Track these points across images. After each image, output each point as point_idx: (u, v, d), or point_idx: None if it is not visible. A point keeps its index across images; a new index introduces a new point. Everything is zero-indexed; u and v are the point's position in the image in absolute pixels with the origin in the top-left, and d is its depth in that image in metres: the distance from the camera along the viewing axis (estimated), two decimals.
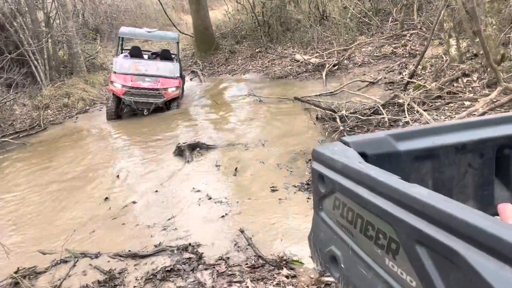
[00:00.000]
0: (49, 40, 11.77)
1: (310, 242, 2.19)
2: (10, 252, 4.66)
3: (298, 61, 11.83)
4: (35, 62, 11.22)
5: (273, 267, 3.73)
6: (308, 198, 4.87)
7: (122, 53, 10.84)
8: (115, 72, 9.42)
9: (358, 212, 1.57)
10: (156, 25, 22.52)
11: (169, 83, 9.37)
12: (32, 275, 4.21)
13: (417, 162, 1.99)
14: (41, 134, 9.43)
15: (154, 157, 7.11)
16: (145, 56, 10.69)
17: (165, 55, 10.52)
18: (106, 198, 5.72)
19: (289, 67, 11.77)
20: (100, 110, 10.73)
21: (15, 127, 9.91)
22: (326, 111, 7.13)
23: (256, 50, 13.83)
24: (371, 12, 13.07)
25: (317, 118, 7.33)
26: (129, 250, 4.40)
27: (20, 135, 9.23)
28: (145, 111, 9.23)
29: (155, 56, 10.91)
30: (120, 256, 4.33)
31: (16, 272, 4.31)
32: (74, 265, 4.27)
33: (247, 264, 3.87)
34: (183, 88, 10.86)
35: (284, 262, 3.78)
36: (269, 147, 6.77)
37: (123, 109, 9.59)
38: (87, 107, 11.05)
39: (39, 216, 5.54)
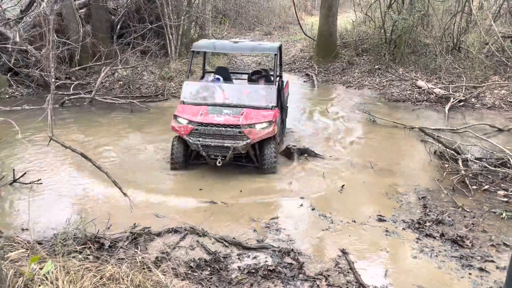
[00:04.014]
0: (187, 19, 12.58)
1: None
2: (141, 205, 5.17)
3: (419, 87, 11.33)
4: (170, 36, 12.13)
5: None
6: (418, 239, 4.70)
7: (203, 76, 7.87)
8: (183, 102, 6.60)
9: None
10: (278, 21, 23.05)
11: (257, 117, 6.21)
12: (147, 235, 4.63)
13: None
14: (162, 103, 10.19)
15: None
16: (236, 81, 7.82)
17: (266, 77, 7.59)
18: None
19: (408, 92, 11.33)
20: None
21: (141, 91, 10.84)
22: (448, 149, 6.76)
23: (376, 67, 13.49)
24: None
25: (435, 154, 6.98)
26: (234, 238, 4.63)
27: (146, 100, 10.07)
28: (218, 159, 6.06)
29: (257, 77, 7.66)
30: (225, 241, 4.57)
31: (133, 228, 4.78)
32: (184, 237, 4.61)
33: None
34: (283, 122, 7.78)
35: None
36: (378, 171, 6.62)
37: (192, 157, 6.53)
38: None
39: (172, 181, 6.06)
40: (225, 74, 7.54)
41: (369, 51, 14.51)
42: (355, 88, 12.21)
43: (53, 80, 3.96)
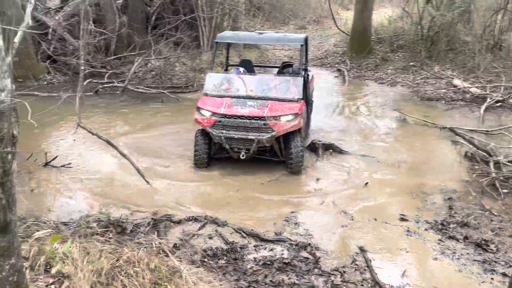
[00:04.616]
0: (220, 11, 12.65)
1: None
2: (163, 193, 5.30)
3: (455, 86, 10.94)
4: (203, 28, 12.25)
5: None
6: (440, 240, 4.58)
7: (226, 69, 8.07)
8: (205, 94, 6.49)
9: None
10: (313, 15, 22.78)
11: (283, 109, 6.05)
12: (167, 222, 4.74)
13: None
14: (192, 94, 10.32)
15: None
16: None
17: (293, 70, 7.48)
18: None
19: (442, 90, 10.95)
20: None
21: (172, 82, 11.02)
22: (479, 151, 6.52)
23: (411, 64, 13.12)
24: None
25: (465, 155, 6.75)
26: (252, 230, 4.67)
27: (176, 91, 10.24)
28: (242, 152, 5.94)
29: (287, 70, 7.66)
30: (244, 232, 4.61)
31: (155, 215, 4.91)
32: (203, 226, 4.69)
33: (362, 285, 3.83)
34: (309, 117, 7.61)
35: None
36: (405, 170, 6.47)
37: (214, 150, 6.31)
38: None
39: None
40: (249, 67, 7.44)
41: (404, 48, 14.14)
42: (387, 85, 11.93)
43: (82, 68, 4.12)
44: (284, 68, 7.76)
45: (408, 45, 13.97)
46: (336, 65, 14.07)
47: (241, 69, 7.17)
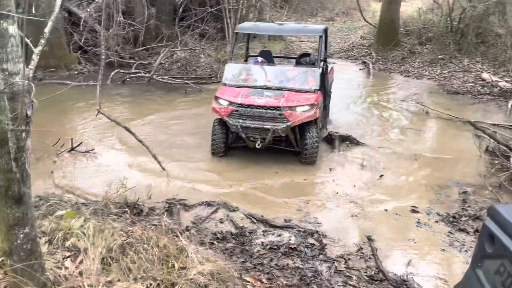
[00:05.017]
0: (245, 3, 12.75)
1: None
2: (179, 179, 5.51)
3: (483, 80, 10.66)
4: (228, 20, 12.38)
5: (392, 287, 3.68)
6: (450, 232, 4.57)
7: (246, 60, 8.18)
8: (224, 84, 6.56)
9: None
10: (342, 7, 22.50)
11: (299, 99, 6.09)
12: (181, 206, 4.94)
13: None
14: (215, 85, 10.50)
15: None
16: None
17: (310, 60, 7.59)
18: None
19: (470, 84, 10.70)
20: None
21: (197, 73, 11.24)
22: (500, 145, 6.40)
23: (439, 57, 12.84)
24: None
25: (486, 149, 6.63)
26: (262, 216, 4.80)
27: (199, 82, 10.45)
28: (257, 142, 6.03)
29: (304, 60, 7.76)
30: (254, 218, 4.76)
31: (169, 198, 5.11)
32: (215, 211, 4.86)
33: (366, 272, 3.89)
34: (326, 108, 7.62)
35: (404, 286, 3.70)
36: (422, 163, 6.42)
37: (231, 139, 6.44)
38: None
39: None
40: (269, 58, 7.47)
41: (433, 40, 13.83)
42: (413, 78, 11.75)
43: (103, 57, 4.35)
44: (302, 58, 7.86)
45: (437, 37, 13.68)
46: (362, 58, 13.94)
47: (259, 59, 7.25)
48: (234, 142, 6.48)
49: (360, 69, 12.81)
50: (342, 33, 17.63)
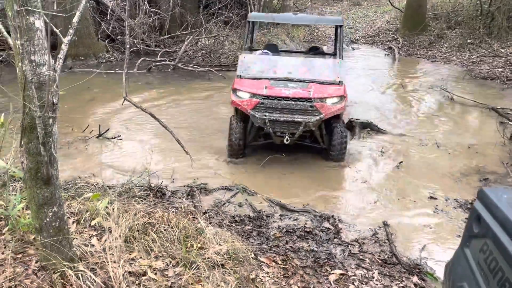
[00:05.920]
0: None
1: (446, 270, 2.21)
2: (201, 164, 5.68)
3: None
4: (252, 7, 12.41)
5: (404, 270, 3.75)
6: (467, 219, 4.56)
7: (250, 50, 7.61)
8: (240, 76, 6.01)
9: (502, 266, 1.56)
10: None
11: (327, 91, 5.66)
12: (202, 189, 5.12)
13: None
14: None
15: None
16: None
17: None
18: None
19: (499, 69, 10.41)
20: None
21: (220, 60, 11.37)
22: None
23: (468, 41, 12.50)
24: None
25: (511, 137, 6.51)
26: (280, 201, 4.93)
27: (223, 69, 10.59)
28: (285, 137, 5.61)
29: (314, 53, 7.50)
30: (272, 202, 4.89)
31: (191, 182, 5.30)
32: (235, 195, 5.02)
33: (379, 256, 3.97)
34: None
35: (417, 270, 3.76)
36: (444, 150, 6.38)
37: (250, 138, 6.06)
38: None
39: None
40: (274, 52, 7.13)
41: (462, 24, 13.45)
42: (440, 63, 11.50)
43: (127, 46, 4.48)
44: (310, 52, 7.68)
45: (467, 21, 13.29)
46: (388, 43, 13.72)
47: (269, 52, 7.03)
48: (253, 140, 6.09)
49: (385, 54, 12.63)
50: (368, 18, 17.34)
